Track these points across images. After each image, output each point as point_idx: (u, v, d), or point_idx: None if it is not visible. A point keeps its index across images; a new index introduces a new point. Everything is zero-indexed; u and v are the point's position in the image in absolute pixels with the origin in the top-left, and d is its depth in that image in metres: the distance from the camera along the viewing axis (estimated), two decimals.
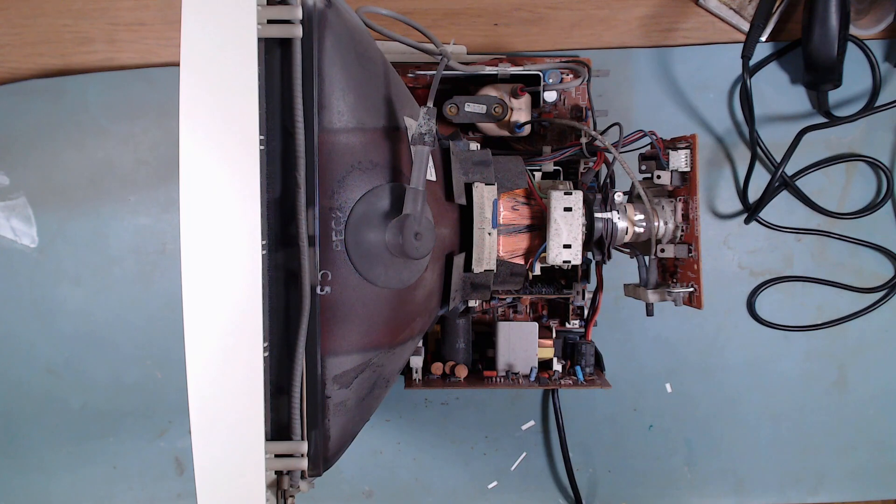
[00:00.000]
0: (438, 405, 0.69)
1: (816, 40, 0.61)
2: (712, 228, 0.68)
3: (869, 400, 0.69)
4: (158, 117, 0.67)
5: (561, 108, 0.63)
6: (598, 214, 0.52)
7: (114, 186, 0.67)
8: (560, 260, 0.50)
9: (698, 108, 0.68)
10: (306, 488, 0.41)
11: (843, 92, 0.67)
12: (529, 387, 0.60)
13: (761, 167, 0.67)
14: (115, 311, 0.68)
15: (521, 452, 0.69)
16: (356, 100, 0.41)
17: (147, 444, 0.69)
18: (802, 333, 0.69)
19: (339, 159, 0.40)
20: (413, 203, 0.40)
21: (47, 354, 0.68)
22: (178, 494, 0.70)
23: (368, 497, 0.70)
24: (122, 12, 0.67)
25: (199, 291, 0.36)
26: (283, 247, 0.39)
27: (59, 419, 0.69)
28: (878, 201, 0.68)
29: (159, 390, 0.68)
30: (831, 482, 0.69)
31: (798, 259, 0.68)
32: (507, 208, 0.52)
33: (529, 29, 0.67)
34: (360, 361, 0.42)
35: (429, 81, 0.61)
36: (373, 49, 0.44)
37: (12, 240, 0.68)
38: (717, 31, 0.68)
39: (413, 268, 0.43)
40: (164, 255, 0.68)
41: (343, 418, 0.43)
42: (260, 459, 0.37)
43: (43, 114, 0.67)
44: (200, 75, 0.36)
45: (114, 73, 0.67)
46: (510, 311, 0.65)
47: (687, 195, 0.53)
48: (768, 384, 0.69)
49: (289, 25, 0.38)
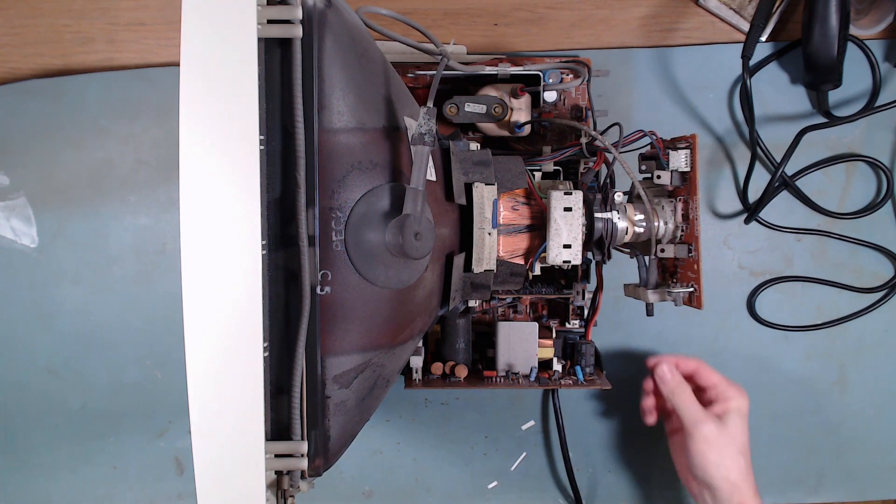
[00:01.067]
0: (438, 405, 0.69)
1: (816, 40, 0.61)
2: (712, 228, 0.68)
3: (869, 400, 0.69)
4: (158, 117, 0.67)
5: (561, 108, 0.63)
6: (598, 214, 0.52)
7: (114, 186, 0.67)
8: (560, 260, 0.50)
9: (698, 108, 0.68)
10: (306, 488, 0.41)
11: (843, 92, 0.67)
12: (529, 387, 0.60)
13: (761, 167, 0.67)
14: (115, 311, 0.68)
15: (521, 452, 0.69)
16: (356, 100, 0.41)
17: (147, 444, 0.69)
18: (802, 333, 0.69)
19: (339, 159, 0.40)
20: (413, 203, 0.40)
21: (47, 354, 0.68)
22: (178, 494, 0.70)
23: (368, 497, 0.70)
24: (122, 12, 0.67)
25: (199, 291, 0.36)
26: (283, 247, 0.39)
27: (59, 419, 0.69)
28: (878, 201, 0.68)
29: (159, 390, 0.68)
30: (831, 482, 0.69)
31: (798, 259, 0.68)
32: (507, 208, 0.52)
33: (529, 29, 0.67)
34: (360, 361, 0.42)
35: (429, 81, 0.61)
36: (373, 49, 0.44)
37: (12, 240, 0.68)
38: (717, 31, 0.68)
39: (413, 268, 0.43)
40: (164, 255, 0.68)
41: (343, 418, 0.43)
42: (260, 459, 0.37)
43: (43, 114, 0.67)
44: (200, 75, 0.36)
45: (114, 73, 0.67)
46: (510, 311, 0.65)
47: (687, 195, 0.53)
48: (768, 384, 0.69)
49: (289, 25, 0.38)
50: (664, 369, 0.58)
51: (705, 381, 0.59)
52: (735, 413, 0.56)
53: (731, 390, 0.58)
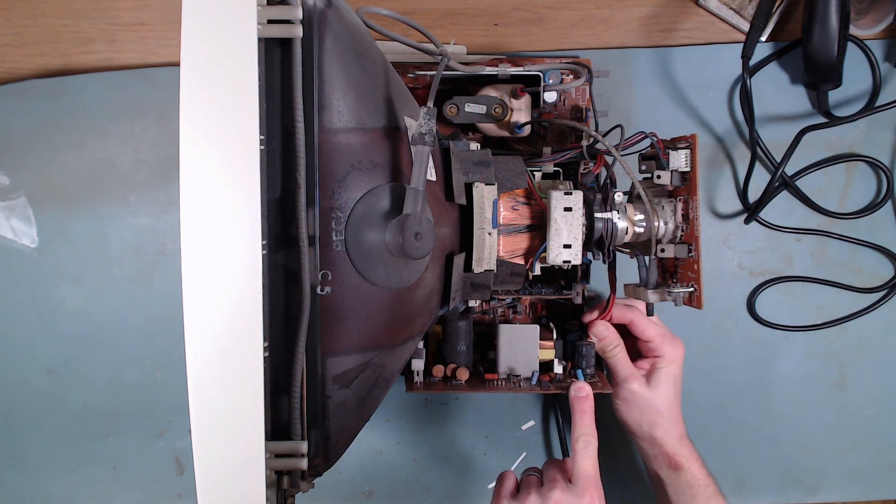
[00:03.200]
0: (438, 405, 0.69)
1: (816, 40, 0.61)
2: (712, 228, 0.68)
3: (869, 400, 0.69)
4: (158, 117, 0.67)
5: (561, 109, 0.63)
6: (598, 214, 0.52)
7: (114, 186, 0.67)
8: (560, 260, 0.50)
9: (698, 108, 0.68)
10: (306, 488, 0.41)
11: (843, 92, 0.67)
12: (531, 390, 0.59)
13: (761, 167, 0.67)
14: (115, 311, 0.68)
15: (521, 452, 0.69)
16: (356, 100, 0.41)
17: (147, 444, 0.69)
18: (802, 333, 0.69)
19: (339, 159, 0.40)
20: (413, 203, 0.40)
21: (47, 354, 0.68)
22: (178, 494, 0.70)
23: (368, 497, 0.70)
24: (122, 12, 0.67)
25: (199, 291, 0.36)
26: (283, 247, 0.39)
27: (59, 419, 0.69)
28: (878, 201, 0.68)
29: (159, 390, 0.68)
30: (831, 482, 0.69)
31: (798, 259, 0.68)
32: (507, 208, 0.52)
33: (529, 29, 0.67)
34: (360, 361, 0.42)
35: (429, 81, 0.61)
36: (373, 49, 0.44)
37: (12, 240, 0.68)
38: (717, 31, 0.68)
39: (413, 268, 0.43)
40: (164, 255, 0.68)
41: (343, 418, 0.43)
42: (260, 459, 0.37)
43: (43, 114, 0.67)
44: (200, 75, 0.36)
45: (114, 73, 0.67)
46: (510, 311, 0.65)
47: (687, 195, 0.53)
48: (768, 384, 0.69)
49: (289, 25, 0.38)
50: (600, 328, 0.59)
51: (640, 334, 0.59)
52: (663, 372, 0.58)
53: (665, 346, 0.58)
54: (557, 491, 0.49)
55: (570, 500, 0.49)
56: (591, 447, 0.51)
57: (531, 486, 0.51)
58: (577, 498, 0.49)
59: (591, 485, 0.49)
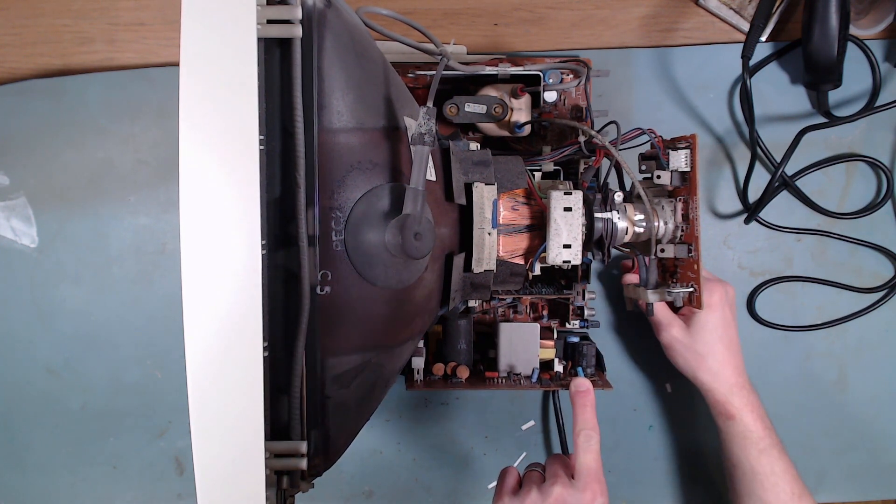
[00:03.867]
0: (438, 405, 0.69)
1: (816, 40, 0.61)
2: (712, 228, 0.68)
3: (869, 400, 0.69)
4: (158, 117, 0.67)
5: (561, 109, 0.63)
6: (597, 214, 0.52)
7: (114, 186, 0.67)
8: (560, 260, 0.50)
9: (698, 108, 0.68)
10: (306, 488, 0.41)
11: (843, 92, 0.67)
12: (531, 388, 0.60)
13: (761, 167, 0.67)
14: (115, 311, 0.68)
15: (521, 452, 0.69)
16: (356, 100, 0.41)
17: (147, 444, 0.69)
18: (802, 333, 0.69)
19: (339, 159, 0.40)
20: (413, 203, 0.40)
21: (47, 354, 0.68)
22: (178, 494, 0.70)
23: (368, 497, 0.70)
24: (122, 12, 0.67)
25: (199, 291, 0.36)
26: (283, 247, 0.39)
27: (59, 419, 0.69)
28: (878, 201, 0.68)
29: (159, 390, 0.68)
30: (831, 482, 0.69)
31: (798, 259, 0.68)
32: (507, 208, 0.52)
33: (529, 29, 0.67)
34: (359, 361, 0.42)
35: (429, 81, 0.61)
36: (373, 49, 0.44)
37: (12, 240, 0.68)
38: (717, 31, 0.68)
39: (413, 268, 0.43)
40: (164, 255, 0.68)
41: (343, 418, 0.43)
42: (260, 459, 0.37)
43: (43, 114, 0.67)
44: (200, 75, 0.36)
45: (114, 73, 0.67)
46: (510, 311, 0.65)
47: (687, 195, 0.53)
48: (768, 384, 0.69)
49: (289, 25, 0.38)
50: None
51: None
52: (700, 316, 0.59)
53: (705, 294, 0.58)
54: (559, 486, 0.49)
55: (572, 495, 0.48)
56: (592, 441, 0.50)
57: (533, 481, 0.51)
58: (579, 493, 0.48)
59: (593, 480, 0.49)
